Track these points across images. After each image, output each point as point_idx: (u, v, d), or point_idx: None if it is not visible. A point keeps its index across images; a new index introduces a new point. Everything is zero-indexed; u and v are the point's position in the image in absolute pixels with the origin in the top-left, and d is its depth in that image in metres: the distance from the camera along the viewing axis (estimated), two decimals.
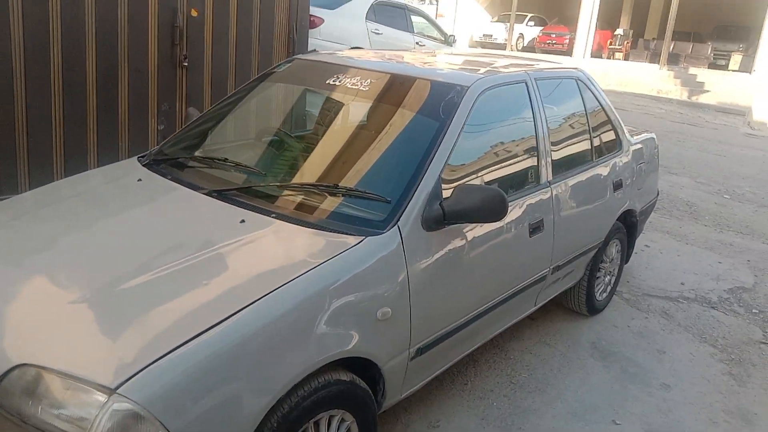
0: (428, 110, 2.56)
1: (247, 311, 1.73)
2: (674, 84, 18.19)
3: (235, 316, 1.71)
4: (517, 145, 2.91)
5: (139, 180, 2.52)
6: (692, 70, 19.09)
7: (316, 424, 1.96)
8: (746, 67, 19.00)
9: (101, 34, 4.40)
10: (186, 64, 4.96)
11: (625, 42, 22.75)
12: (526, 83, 2.98)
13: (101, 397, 1.53)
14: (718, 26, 22.70)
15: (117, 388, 1.52)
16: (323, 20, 8.47)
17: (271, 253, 2.05)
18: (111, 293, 1.81)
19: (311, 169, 2.54)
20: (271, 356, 1.74)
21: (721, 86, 17.35)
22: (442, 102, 2.54)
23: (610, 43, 22.96)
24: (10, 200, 2.56)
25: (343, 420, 2.05)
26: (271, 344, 1.75)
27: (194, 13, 4.97)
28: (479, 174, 2.61)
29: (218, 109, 3.08)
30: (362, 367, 2.10)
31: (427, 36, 10.66)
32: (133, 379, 1.53)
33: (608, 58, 22.64)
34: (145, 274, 1.87)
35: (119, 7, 4.46)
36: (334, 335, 1.91)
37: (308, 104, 3.09)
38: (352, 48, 8.61)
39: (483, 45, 24.87)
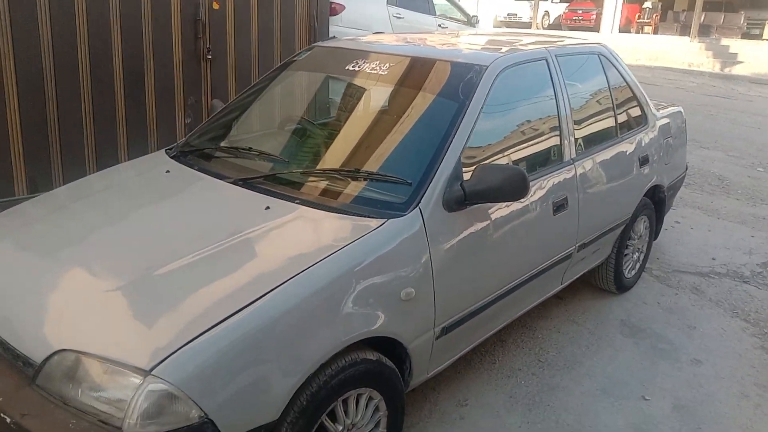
0: (447, 91, 2.58)
1: (276, 293, 1.79)
2: (706, 56, 17.74)
3: (264, 298, 1.77)
4: (539, 124, 2.90)
5: (168, 171, 2.60)
6: (724, 41, 18.59)
7: (345, 402, 2.01)
8: None
9: (126, 30, 4.49)
10: (210, 56, 5.03)
11: (654, 15, 22.24)
12: (546, 60, 2.96)
13: (137, 379, 1.60)
14: None
15: (152, 369, 1.59)
16: (344, 7, 8.48)
17: (296, 237, 2.10)
18: (144, 280, 1.89)
19: (333, 155, 2.58)
20: (299, 336, 1.80)
21: (756, 56, 16.87)
22: (461, 83, 2.55)
23: (639, 17, 22.47)
24: (45, 195, 2.67)
25: (371, 398, 2.10)
26: (299, 324, 1.80)
27: (216, 6, 5.03)
28: (500, 154, 2.62)
29: (241, 99, 3.14)
30: (388, 346, 2.14)
31: (450, 18, 10.59)
32: (166, 360, 1.60)
33: (637, 32, 22.17)
34: (176, 260, 1.94)
35: (143, 3, 4.54)
36: (359, 315, 1.95)
37: (329, 91, 3.13)
38: (375, 33, 8.61)
39: (508, 24, 24.55)
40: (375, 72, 2.75)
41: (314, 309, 1.85)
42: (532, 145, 2.83)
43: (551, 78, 2.97)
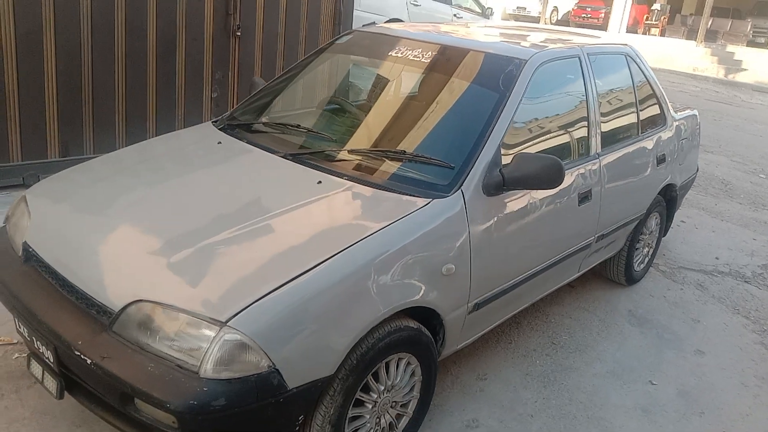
0: (488, 82, 2.72)
1: (336, 259, 1.94)
2: (711, 61, 17.90)
3: (325, 263, 1.92)
4: (570, 118, 3.05)
5: (219, 143, 2.73)
6: (730, 48, 18.74)
7: (387, 365, 2.17)
8: None
9: (162, 3, 4.59)
10: (239, 33, 5.14)
11: (662, 17, 22.34)
12: (579, 58, 3.11)
13: (213, 329, 1.75)
14: (759, 2, 22.15)
15: (227, 321, 1.74)
16: None
17: (350, 210, 2.25)
18: (212, 240, 2.02)
19: (377, 136, 2.71)
20: (354, 300, 1.95)
21: (760, 65, 17.05)
22: (501, 74, 2.69)
23: (647, 18, 22.57)
24: (108, 156, 2.80)
25: (409, 363, 2.26)
26: (355, 289, 1.95)
27: None
28: (535, 143, 2.76)
29: (283, 78, 3.27)
30: (426, 317, 2.29)
31: (465, 8, 10.69)
32: (242, 313, 1.75)
33: (644, 33, 22.28)
34: (241, 224, 2.08)
35: None
36: (406, 285, 2.11)
37: (369, 75, 3.26)
38: (390, 20, 8.70)
39: (516, 18, 24.60)
40: (417, 59, 2.88)
41: (368, 276, 1.99)
42: (563, 137, 2.98)
43: (583, 75, 3.11)
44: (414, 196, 2.29)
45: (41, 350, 2.01)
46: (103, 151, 4.09)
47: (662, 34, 21.84)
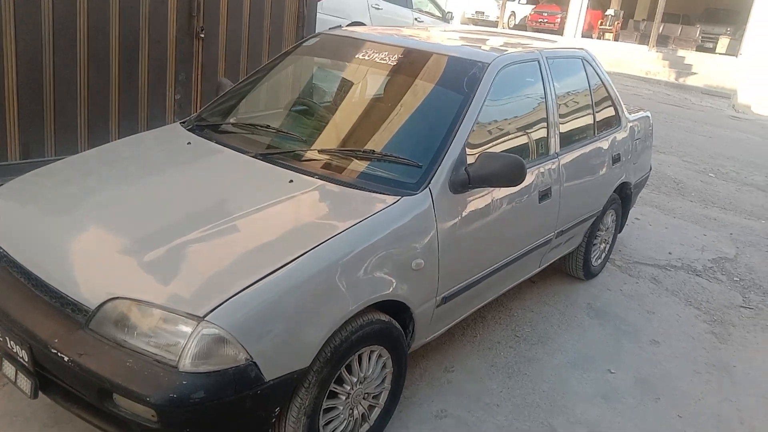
0: (453, 84, 2.81)
1: (310, 255, 2.00)
2: (663, 66, 18.51)
3: (299, 258, 1.97)
4: (531, 119, 3.17)
5: (188, 143, 2.76)
6: (680, 52, 19.40)
7: (359, 358, 2.24)
8: (733, 51, 19.34)
9: (125, 4, 4.56)
10: (202, 35, 5.13)
11: (616, 22, 22.97)
12: (538, 61, 3.24)
13: (190, 325, 1.79)
14: (707, 9, 22.99)
15: (205, 315, 1.78)
16: None
17: (321, 208, 2.32)
18: (187, 238, 2.06)
19: (349, 137, 2.78)
20: (328, 294, 2.02)
21: (708, 69, 17.70)
22: (465, 77, 2.79)
23: (601, 23, 23.18)
24: (74, 158, 2.80)
25: (380, 356, 2.33)
26: (329, 284, 2.02)
27: None
28: (498, 143, 2.87)
29: (250, 80, 3.31)
30: (396, 311, 2.37)
31: (425, 12, 10.83)
32: (219, 308, 1.80)
33: (598, 38, 22.87)
34: (215, 222, 2.13)
35: None
36: (378, 279, 2.18)
37: (335, 77, 3.32)
38: (353, 23, 8.77)
39: (475, 22, 24.96)
40: (384, 62, 2.96)
41: (341, 272, 2.06)
42: (524, 137, 3.10)
43: (542, 77, 3.24)
44: (384, 194, 2.37)
45: (15, 350, 2.01)
46: (65, 153, 4.05)
47: (616, 38, 22.45)
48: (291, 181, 2.41)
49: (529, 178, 2.98)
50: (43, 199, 2.40)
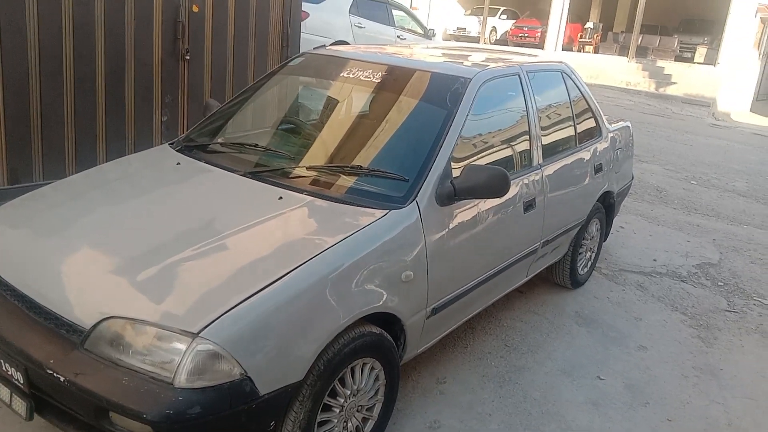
0: (436, 99, 2.88)
1: (300, 270, 2.04)
2: (642, 76, 18.80)
3: (290, 273, 2.01)
4: (513, 131, 3.24)
5: (178, 164, 2.80)
6: (660, 63, 19.72)
7: (352, 370, 2.27)
8: (711, 60, 19.69)
9: (110, 30, 4.60)
10: (188, 57, 5.18)
11: (595, 35, 23.34)
12: (519, 75, 3.31)
13: (185, 342, 1.82)
14: (684, 20, 23.44)
15: (200, 332, 1.81)
16: (308, 14, 8.71)
17: (311, 223, 2.36)
18: (178, 256, 2.10)
19: (336, 153, 2.83)
20: (320, 308, 2.05)
21: (687, 78, 18.00)
22: (448, 92, 2.85)
23: (581, 36, 23.54)
24: (62, 182, 2.82)
25: (372, 368, 2.37)
26: (321, 298, 2.06)
27: (195, 9, 5.20)
28: (482, 156, 2.94)
29: (237, 100, 3.36)
30: (387, 323, 2.41)
31: (408, 30, 10.97)
32: (213, 324, 1.83)
33: (579, 51, 23.20)
34: (206, 240, 2.16)
35: (126, 4, 4.67)
36: (369, 292, 2.22)
37: (322, 95, 3.38)
38: (336, 42, 8.88)
39: (457, 38, 25.24)
40: (369, 79, 3.02)
41: (332, 285, 2.10)
42: (507, 149, 3.17)
43: (523, 91, 3.32)
44: (372, 207, 2.42)
45: (10, 373, 2.02)
46: (53, 177, 4.06)
47: (596, 51, 22.78)
48: (280, 198, 2.45)
49: (513, 190, 3.04)
50: (33, 223, 2.42)
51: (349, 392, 2.27)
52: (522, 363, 3.33)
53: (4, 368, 2.05)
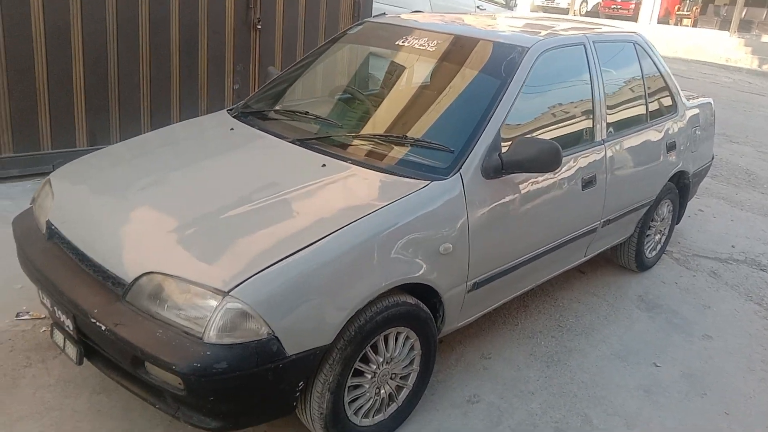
0: (491, 69, 2.79)
1: (335, 236, 2.05)
2: (744, 52, 17.51)
3: (325, 239, 2.03)
4: (574, 105, 3.10)
5: (232, 129, 2.87)
6: (765, 38, 18.30)
7: (386, 338, 2.27)
8: None
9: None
10: (259, 26, 5.28)
11: (694, 7, 21.92)
12: (584, 45, 3.15)
13: (216, 299, 1.87)
14: None
15: (230, 291, 1.86)
16: None
17: (351, 191, 2.36)
18: (220, 218, 2.16)
19: (382, 122, 2.82)
20: (352, 275, 2.06)
21: None
22: (503, 62, 2.76)
23: (678, 9, 22.17)
24: (131, 140, 2.98)
25: (407, 338, 2.36)
26: (353, 265, 2.06)
27: None
28: (536, 130, 2.83)
29: (296, 68, 3.38)
30: (425, 295, 2.39)
31: (489, 0, 10.67)
32: (243, 284, 1.87)
33: (676, 24, 21.89)
34: (247, 204, 2.21)
35: None
36: (403, 262, 2.20)
37: (378, 63, 3.36)
38: (413, 12, 8.76)
39: (545, 9, 24.40)
40: (423, 48, 2.97)
41: (366, 253, 2.10)
42: (566, 124, 3.04)
43: (588, 62, 3.16)
44: (414, 178, 2.38)
45: (62, 319, 2.16)
46: None
47: (695, 24, 21.42)
48: (324, 165, 2.46)
49: (570, 165, 2.92)
50: (94, 180, 2.56)
51: (381, 359, 2.27)
52: (574, 344, 3.23)
53: (57, 315, 2.19)
